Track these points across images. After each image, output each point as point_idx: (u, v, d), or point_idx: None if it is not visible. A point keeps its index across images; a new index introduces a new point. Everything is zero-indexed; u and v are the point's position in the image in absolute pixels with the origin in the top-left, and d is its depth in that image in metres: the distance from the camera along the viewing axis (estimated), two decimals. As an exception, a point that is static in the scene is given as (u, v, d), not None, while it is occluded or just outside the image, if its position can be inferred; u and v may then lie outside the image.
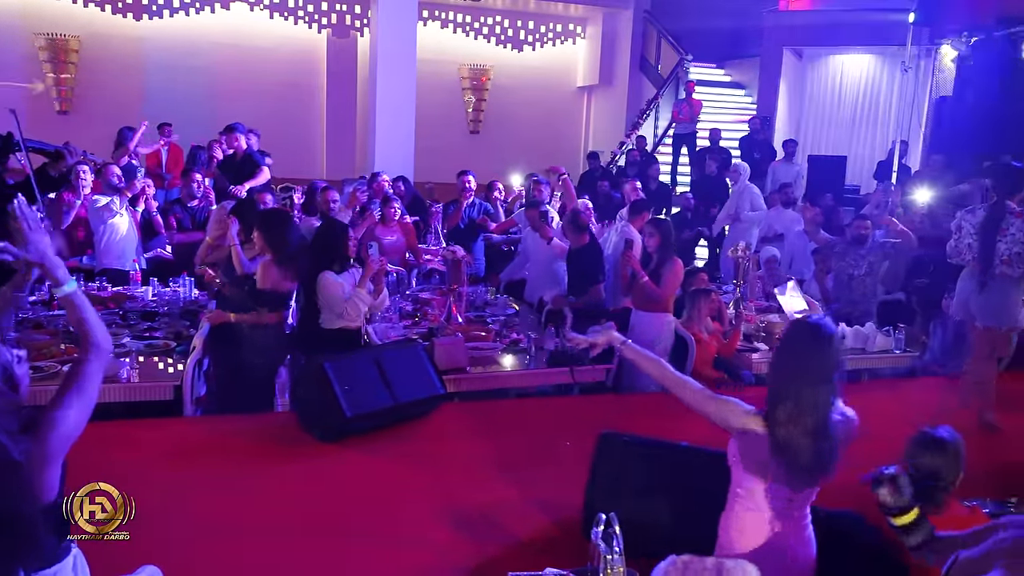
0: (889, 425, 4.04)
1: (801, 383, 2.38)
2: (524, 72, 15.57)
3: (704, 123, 11.75)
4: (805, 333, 2.44)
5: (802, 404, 2.36)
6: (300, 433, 4.16)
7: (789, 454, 2.38)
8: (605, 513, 2.75)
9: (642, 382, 5.39)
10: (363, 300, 4.60)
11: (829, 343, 2.39)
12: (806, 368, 2.38)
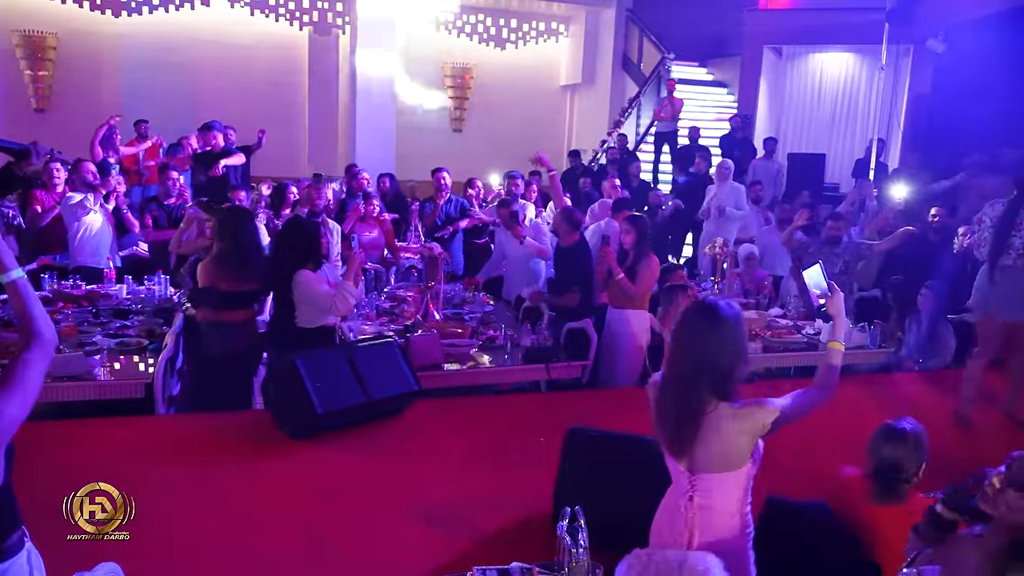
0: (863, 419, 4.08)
1: (677, 358, 2.40)
2: (507, 70, 15.55)
3: (686, 121, 11.78)
4: (695, 314, 2.41)
5: (677, 382, 2.38)
6: (272, 431, 4.14)
7: (658, 423, 2.45)
8: (572, 507, 2.77)
9: (618, 378, 5.42)
10: (351, 294, 4.56)
11: (716, 326, 2.33)
12: (688, 346, 2.38)
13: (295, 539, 3.19)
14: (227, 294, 4.54)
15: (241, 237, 4.59)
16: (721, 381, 2.35)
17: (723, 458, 2.38)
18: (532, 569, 2.62)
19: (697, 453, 2.39)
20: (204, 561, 3.01)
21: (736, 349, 2.37)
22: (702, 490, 2.43)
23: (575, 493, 3.14)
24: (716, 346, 2.34)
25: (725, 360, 2.35)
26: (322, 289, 4.50)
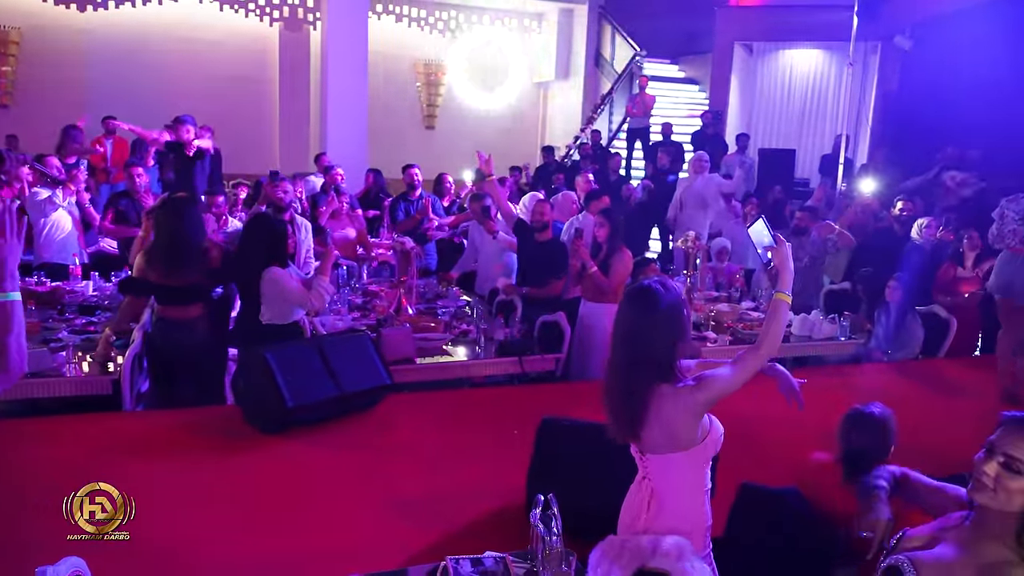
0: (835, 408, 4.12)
1: (616, 343, 2.39)
2: (479, 67, 15.55)
3: (657, 118, 11.84)
4: (632, 299, 2.39)
5: (619, 368, 2.37)
6: (242, 426, 4.08)
7: (606, 409, 2.44)
8: (545, 495, 2.76)
9: (591, 371, 5.42)
10: (326, 290, 4.49)
11: (652, 309, 2.31)
12: (626, 330, 2.36)
13: (267, 533, 3.15)
14: (162, 288, 4.41)
15: (170, 229, 4.39)
16: (660, 364, 2.34)
17: (669, 439, 2.37)
18: (505, 558, 2.61)
19: (645, 435, 2.39)
20: (176, 557, 2.96)
21: (674, 330, 2.34)
22: (652, 471, 2.44)
23: (548, 483, 3.13)
24: (653, 329, 2.33)
25: (663, 343, 2.33)
26: (294, 285, 4.44)
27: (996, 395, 4.91)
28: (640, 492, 2.49)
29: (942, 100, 9.46)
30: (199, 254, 4.37)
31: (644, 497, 2.47)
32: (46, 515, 3.12)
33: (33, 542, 2.94)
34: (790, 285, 2.50)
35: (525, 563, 2.60)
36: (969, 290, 5.86)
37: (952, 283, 5.81)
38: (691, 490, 2.44)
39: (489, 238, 6.47)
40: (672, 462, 2.40)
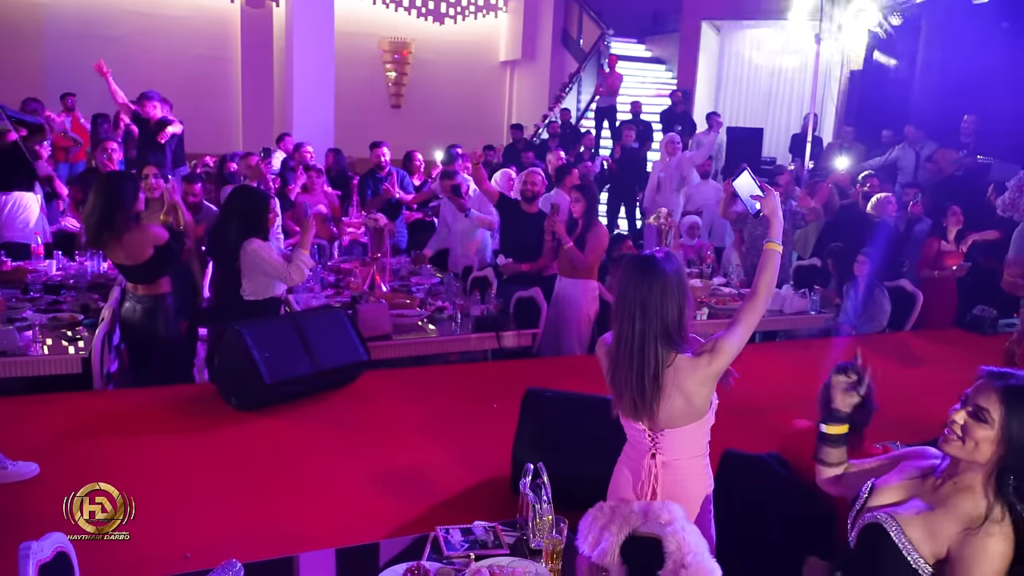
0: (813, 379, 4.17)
1: (623, 316, 2.35)
2: (446, 46, 15.41)
3: (625, 97, 11.86)
4: (634, 270, 2.36)
5: (629, 342, 2.33)
6: (218, 403, 4.03)
7: (616, 387, 2.40)
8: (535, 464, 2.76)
9: (566, 347, 5.43)
10: (305, 263, 4.41)
11: (657, 278, 2.30)
12: (628, 302, 2.33)
13: (251, 508, 3.11)
14: (124, 268, 4.32)
15: (101, 206, 4.17)
16: (672, 333, 2.33)
17: (687, 411, 2.38)
18: (495, 527, 2.60)
19: (659, 411, 2.37)
20: (157, 535, 2.91)
21: (681, 297, 2.34)
22: (665, 446, 2.43)
23: (534, 452, 3.14)
24: (662, 297, 2.31)
25: (673, 311, 2.32)
26: (275, 257, 4.37)
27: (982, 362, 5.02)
28: (648, 468, 2.47)
29: (906, 78, 9.60)
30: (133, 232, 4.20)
31: (654, 472, 2.46)
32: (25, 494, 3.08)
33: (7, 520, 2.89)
34: (780, 234, 2.50)
35: (515, 532, 2.60)
36: (954, 263, 5.96)
37: (938, 257, 5.92)
38: (700, 455, 2.48)
39: (461, 216, 6.43)
40: (687, 434, 2.41)
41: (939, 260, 5.93)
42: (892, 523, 1.87)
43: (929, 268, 5.99)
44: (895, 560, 1.83)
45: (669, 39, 14.35)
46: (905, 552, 1.80)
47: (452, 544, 2.49)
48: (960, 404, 1.89)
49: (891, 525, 1.87)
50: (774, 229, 2.50)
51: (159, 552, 2.72)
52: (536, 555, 2.44)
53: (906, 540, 1.81)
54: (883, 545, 1.84)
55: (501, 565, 2.33)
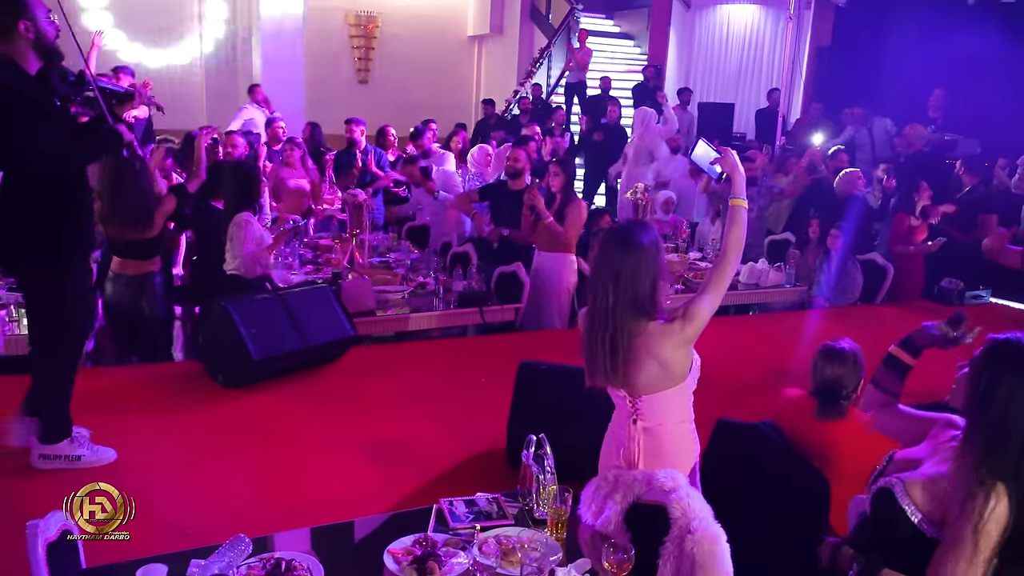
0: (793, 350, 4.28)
1: (596, 286, 2.38)
2: (413, 20, 15.20)
3: (593, 73, 11.84)
4: (610, 241, 2.40)
5: (602, 312, 2.35)
6: (204, 381, 3.99)
7: (589, 355, 2.43)
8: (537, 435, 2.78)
9: (547, 320, 5.46)
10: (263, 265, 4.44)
11: (631, 249, 2.33)
12: (609, 273, 2.35)
13: (243, 486, 3.10)
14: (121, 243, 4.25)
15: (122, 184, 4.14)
16: (644, 303, 2.35)
17: (662, 376, 2.40)
18: (498, 498, 2.62)
19: (635, 377, 2.40)
20: (154, 513, 2.88)
21: (654, 268, 2.36)
22: (645, 412, 2.45)
23: (530, 424, 3.17)
24: (634, 269, 2.33)
25: (645, 281, 2.34)
26: (249, 240, 4.33)
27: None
28: (630, 434, 2.50)
29: (872, 54, 9.73)
30: (154, 204, 4.19)
31: (636, 438, 2.48)
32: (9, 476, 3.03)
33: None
34: (743, 190, 2.49)
35: (517, 502, 2.62)
36: (922, 237, 6.10)
37: (909, 232, 6.04)
38: (682, 421, 2.50)
39: (430, 197, 6.40)
40: (666, 399, 2.43)
41: (910, 235, 6.06)
42: (900, 487, 1.92)
43: (902, 243, 6.11)
44: (901, 522, 1.89)
45: (637, 15, 14.34)
46: (909, 513, 1.86)
47: (457, 516, 2.51)
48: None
49: (897, 487, 1.92)
50: (736, 185, 2.49)
51: (158, 529, 2.70)
52: (540, 524, 2.47)
53: (910, 501, 1.86)
54: (891, 507, 1.90)
55: (508, 535, 2.36)
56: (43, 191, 2.95)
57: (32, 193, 2.93)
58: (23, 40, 2.93)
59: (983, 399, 1.83)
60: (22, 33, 2.92)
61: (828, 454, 2.88)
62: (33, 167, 2.94)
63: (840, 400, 2.93)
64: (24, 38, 2.93)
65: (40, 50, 2.97)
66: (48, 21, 3.00)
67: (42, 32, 2.96)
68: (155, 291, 4.20)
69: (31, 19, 2.93)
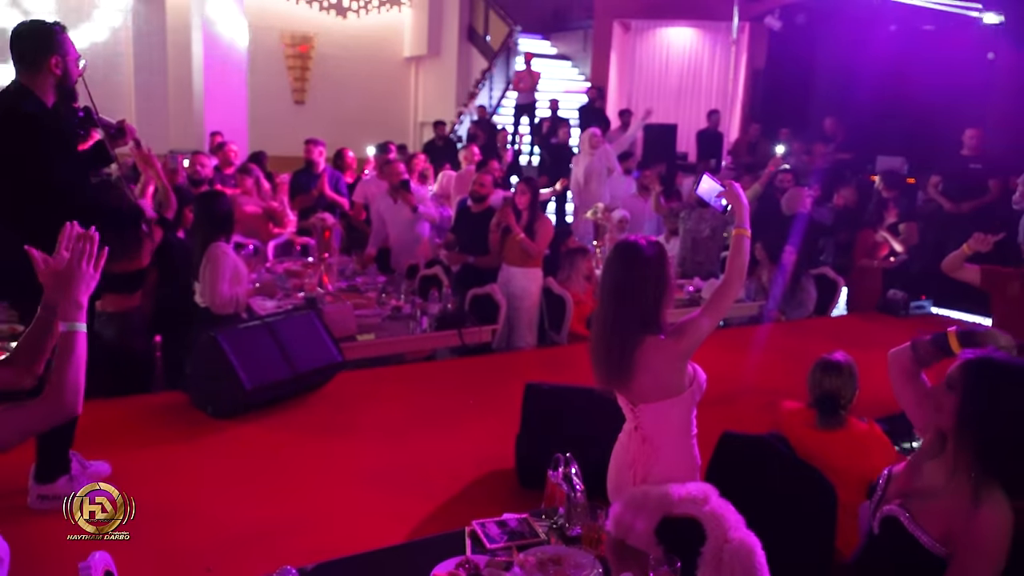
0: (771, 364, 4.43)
1: (605, 297, 2.50)
2: (349, 41, 15.17)
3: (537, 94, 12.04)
4: (618, 255, 2.50)
5: (607, 322, 2.47)
6: (191, 412, 3.91)
7: (595, 362, 2.53)
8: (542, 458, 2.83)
9: (518, 335, 5.54)
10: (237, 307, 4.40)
11: (638, 264, 2.43)
12: (615, 286, 2.47)
13: (250, 520, 3.03)
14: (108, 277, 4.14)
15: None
16: (647, 316, 2.45)
17: (659, 387, 2.49)
18: (527, 518, 2.67)
19: (635, 386, 2.50)
20: (178, 548, 2.82)
21: (659, 284, 2.45)
22: (644, 420, 2.54)
23: (538, 444, 3.23)
24: (639, 284, 2.43)
25: (649, 296, 2.44)
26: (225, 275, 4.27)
27: (899, 342, 5.44)
28: (631, 441, 2.60)
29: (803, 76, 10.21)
30: (142, 236, 4.11)
31: (636, 445, 2.57)
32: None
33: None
34: (747, 220, 2.61)
35: (544, 521, 2.66)
36: (884, 253, 6.40)
37: (874, 248, 6.34)
38: (681, 434, 2.57)
39: (400, 212, 6.39)
40: (663, 409, 2.52)
41: (874, 250, 6.37)
42: (906, 515, 2.02)
43: (866, 257, 6.41)
44: (912, 546, 1.99)
45: (574, 36, 14.64)
46: (919, 539, 1.96)
47: (492, 537, 2.54)
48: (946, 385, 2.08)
49: (906, 517, 2.02)
50: (739, 216, 2.61)
51: (179, 558, 2.65)
52: (573, 542, 2.53)
53: (919, 527, 1.97)
54: (900, 534, 2.00)
55: (547, 554, 2.40)
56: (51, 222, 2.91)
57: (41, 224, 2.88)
58: (50, 75, 3.03)
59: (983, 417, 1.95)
60: (51, 68, 3.01)
61: (830, 462, 3.01)
62: (48, 196, 2.94)
63: (839, 410, 3.09)
64: (52, 73, 3.02)
65: (61, 87, 3.06)
66: (75, 63, 3.09)
67: (68, 71, 3.05)
68: (139, 326, 4.10)
69: (63, 56, 3.03)
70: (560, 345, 5.55)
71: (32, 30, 3.07)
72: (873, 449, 3.03)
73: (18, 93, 2.99)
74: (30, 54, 3.02)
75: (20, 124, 2.92)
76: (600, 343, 2.51)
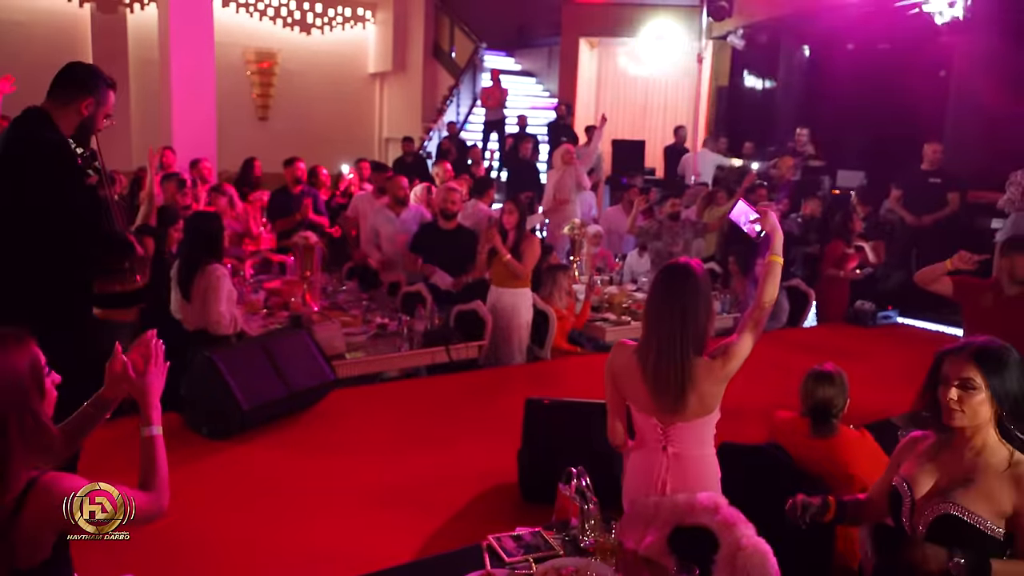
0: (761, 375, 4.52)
1: (662, 318, 2.54)
2: (313, 57, 15.15)
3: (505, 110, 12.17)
4: (674, 278, 2.56)
5: (663, 344, 2.52)
6: (186, 433, 3.88)
7: (641, 390, 2.59)
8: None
9: (505, 354, 5.59)
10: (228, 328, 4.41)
11: (695, 287, 2.51)
12: (668, 305, 2.53)
13: (257, 541, 3.03)
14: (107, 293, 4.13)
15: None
16: (701, 338, 2.54)
17: (702, 406, 2.58)
18: (540, 531, 2.72)
19: (681, 406, 2.56)
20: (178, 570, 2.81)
21: (710, 306, 2.57)
22: (676, 439, 2.61)
23: (544, 459, 3.29)
24: (695, 306, 2.52)
25: (703, 318, 2.54)
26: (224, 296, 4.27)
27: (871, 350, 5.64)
28: (660, 460, 2.65)
29: (765, 93, 10.49)
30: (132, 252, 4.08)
31: (665, 465, 2.63)
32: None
33: None
34: (781, 247, 2.71)
35: (556, 534, 2.72)
36: (853, 265, 6.60)
37: (843, 259, 6.53)
38: (709, 451, 2.69)
39: (397, 227, 6.40)
40: (697, 427, 2.61)
41: (842, 261, 6.56)
42: (958, 508, 2.15)
43: (834, 268, 6.60)
44: (974, 535, 2.12)
45: (537, 53, 14.83)
46: (980, 526, 2.10)
47: (508, 551, 2.59)
48: (944, 383, 2.21)
49: (958, 510, 2.15)
50: (775, 244, 2.71)
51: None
52: (586, 554, 2.58)
53: (974, 515, 2.11)
54: (961, 527, 2.13)
55: (566, 566, 2.46)
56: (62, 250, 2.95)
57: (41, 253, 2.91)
58: (76, 115, 3.06)
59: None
60: (81, 108, 3.06)
61: (824, 469, 3.13)
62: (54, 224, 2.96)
63: (832, 419, 3.20)
64: (80, 113, 3.06)
65: (81, 128, 3.09)
66: (104, 116, 3.16)
67: (94, 119, 3.11)
68: (129, 339, 4.05)
69: (97, 104, 3.08)
70: (544, 360, 5.61)
71: (83, 68, 3.14)
72: (865, 456, 3.14)
73: (39, 120, 3.01)
74: (70, 87, 3.06)
75: (45, 150, 2.94)
76: (651, 367, 2.54)
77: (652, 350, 2.56)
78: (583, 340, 6.05)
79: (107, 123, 3.19)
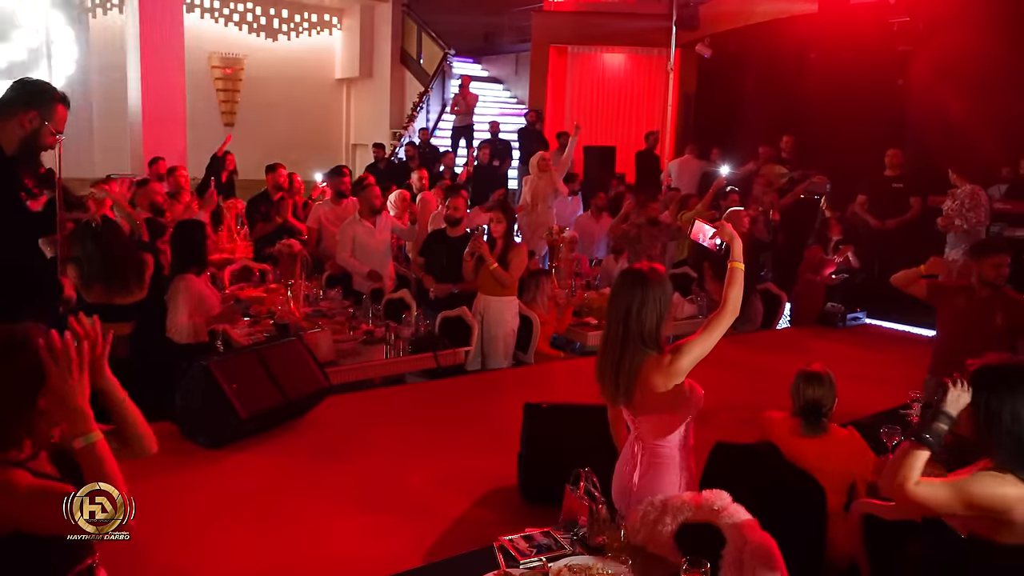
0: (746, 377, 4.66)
1: (611, 319, 2.74)
2: (279, 63, 15.07)
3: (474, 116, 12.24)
4: (626, 280, 2.73)
5: (614, 341, 2.72)
6: (182, 443, 3.88)
7: (600, 378, 2.78)
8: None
9: (491, 362, 5.65)
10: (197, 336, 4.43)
11: (644, 289, 2.66)
12: (617, 307, 2.71)
13: (260, 551, 3.05)
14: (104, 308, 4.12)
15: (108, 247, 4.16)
16: (650, 337, 2.69)
17: (657, 402, 2.71)
18: (550, 531, 2.79)
19: (636, 400, 2.73)
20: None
21: (661, 308, 2.70)
22: (643, 431, 2.77)
23: (544, 462, 3.37)
24: (641, 305, 2.67)
25: (650, 317, 2.68)
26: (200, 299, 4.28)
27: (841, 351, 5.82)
28: (631, 450, 2.83)
29: (732, 101, 10.72)
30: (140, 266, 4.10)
31: (636, 454, 2.80)
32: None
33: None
34: (741, 254, 2.84)
35: (566, 534, 2.79)
36: (830, 270, 6.80)
37: (820, 264, 6.72)
38: (676, 445, 2.79)
39: (372, 236, 6.42)
40: (660, 422, 2.75)
41: (820, 266, 6.76)
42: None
43: (812, 272, 6.79)
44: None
45: (505, 59, 14.92)
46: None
47: (521, 551, 2.66)
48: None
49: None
50: (735, 251, 2.84)
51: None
52: (596, 551, 2.66)
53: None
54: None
55: (578, 563, 2.54)
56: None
57: None
58: (18, 129, 3.00)
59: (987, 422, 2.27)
60: (22, 121, 3.00)
61: (815, 466, 3.25)
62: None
63: (822, 418, 3.33)
64: (21, 126, 3.00)
65: (25, 144, 3.02)
66: (51, 133, 3.08)
67: (39, 134, 3.04)
68: (127, 351, 4.06)
69: (41, 118, 3.02)
70: (528, 365, 5.69)
71: (29, 83, 3.08)
72: (854, 453, 3.28)
73: None
74: (15, 101, 3.01)
75: None
76: (607, 362, 2.74)
77: (604, 348, 2.77)
78: (565, 344, 6.15)
79: (56, 139, 3.12)
